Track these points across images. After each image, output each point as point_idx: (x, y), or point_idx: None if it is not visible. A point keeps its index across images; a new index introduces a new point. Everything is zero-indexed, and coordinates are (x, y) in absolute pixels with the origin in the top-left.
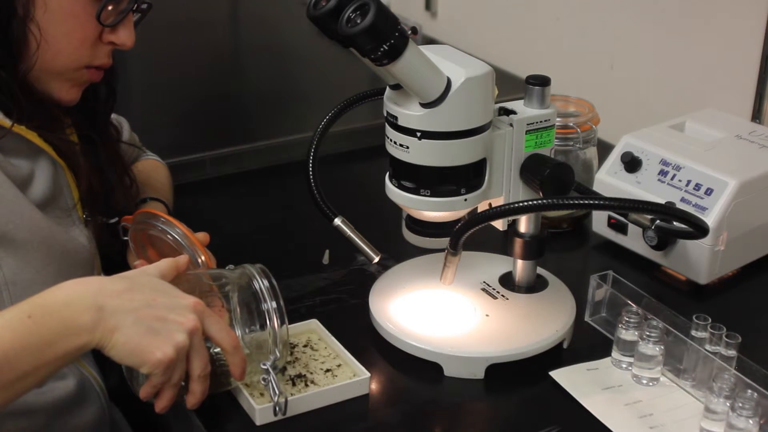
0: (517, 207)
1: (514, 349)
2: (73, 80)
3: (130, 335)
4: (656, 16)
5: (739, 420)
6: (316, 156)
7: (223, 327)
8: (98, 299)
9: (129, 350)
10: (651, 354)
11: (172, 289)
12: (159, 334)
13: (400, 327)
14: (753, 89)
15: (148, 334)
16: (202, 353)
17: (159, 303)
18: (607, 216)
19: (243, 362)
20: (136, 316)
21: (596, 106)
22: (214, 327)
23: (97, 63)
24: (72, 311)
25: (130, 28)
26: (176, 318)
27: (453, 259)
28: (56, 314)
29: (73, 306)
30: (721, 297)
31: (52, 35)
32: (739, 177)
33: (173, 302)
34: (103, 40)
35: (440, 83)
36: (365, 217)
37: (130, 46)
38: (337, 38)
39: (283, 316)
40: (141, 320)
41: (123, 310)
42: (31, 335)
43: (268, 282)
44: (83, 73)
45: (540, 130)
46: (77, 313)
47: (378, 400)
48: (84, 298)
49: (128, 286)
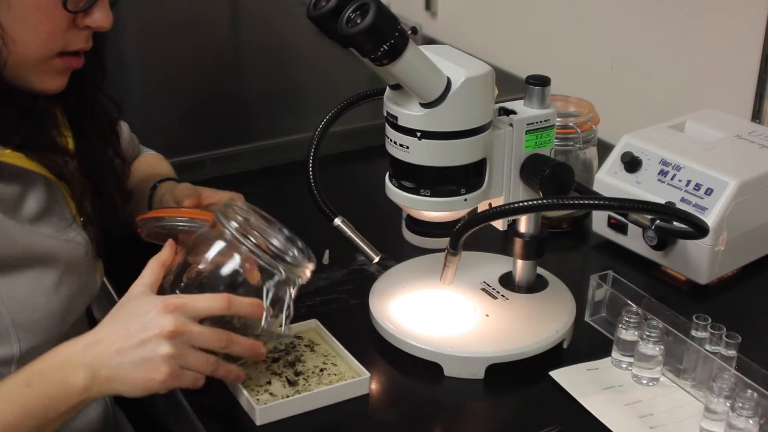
0: (517, 207)
1: (514, 349)
2: (50, 70)
3: (124, 376)
4: (656, 16)
5: (739, 420)
6: (316, 156)
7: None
8: (86, 357)
9: (133, 387)
10: (651, 354)
11: (145, 304)
12: (145, 360)
13: (400, 327)
14: (753, 89)
15: (138, 366)
16: (201, 339)
17: (133, 329)
18: (607, 216)
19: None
20: (120, 356)
21: (596, 106)
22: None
23: (73, 49)
24: (66, 374)
25: (105, 9)
26: (152, 333)
27: (453, 259)
28: (52, 379)
29: (66, 369)
30: (721, 297)
31: (18, 31)
32: (739, 177)
33: (145, 320)
34: (78, 26)
35: (440, 83)
36: (365, 217)
37: (107, 28)
38: (337, 38)
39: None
40: (125, 357)
41: (107, 357)
42: (31, 402)
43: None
44: (59, 62)
45: (540, 130)
46: (71, 375)
47: (378, 400)
48: (74, 359)
49: (109, 329)
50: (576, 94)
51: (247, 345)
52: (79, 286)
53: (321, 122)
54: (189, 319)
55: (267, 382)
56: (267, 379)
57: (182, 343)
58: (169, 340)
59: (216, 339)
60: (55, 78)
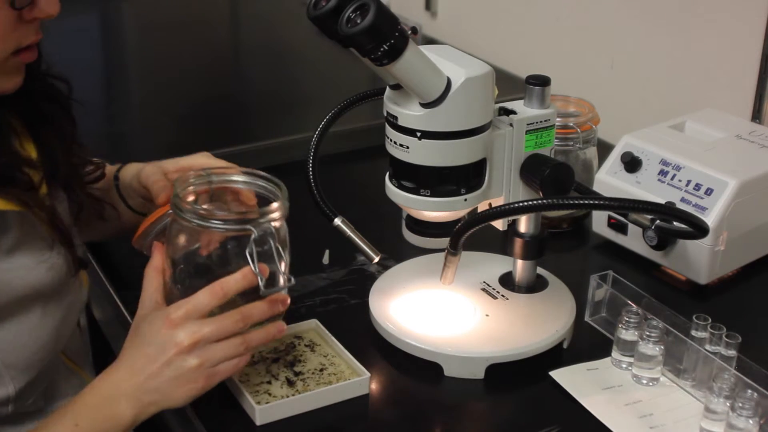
0: (517, 207)
1: (514, 349)
2: (7, 70)
3: (166, 394)
4: (656, 16)
5: (739, 420)
6: (316, 156)
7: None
8: (125, 388)
9: (178, 400)
10: (651, 354)
11: (153, 326)
12: (179, 376)
13: (400, 327)
14: (753, 89)
15: (174, 382)
16: (218, 334)
17: (153, 354)
18: (607, 216)
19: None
20: (153, 380)
21: (596, 106)
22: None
23: (26, 44)
24: (112, 409)
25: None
26: (172, 353)
27: (453, 259)
28: (100, 415)
29: (112, 403)
30: (721, 297)
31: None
32: (739, 177)
33: (159, 342)
34: (25, 19)
35: (440, 83)
36: (365, 217)
37: (56, 14)
38: (337, 38)
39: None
40: (159, 379)
41: (143, 385)
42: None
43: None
44: (15, 60)
45: (540, 130)
46: (116, 408)
47: (378, 400)
48: (116, 392)
49: (133, 357)
50: (576, 94)
51: (264, 308)
52: (67, 307)
53: (321, 122)
54: (198, 323)
55: (267, 383)
56: (267, 379)
57: (204, 347)
58: (190, 353)
59: (232, 323)
60: (12, 77)
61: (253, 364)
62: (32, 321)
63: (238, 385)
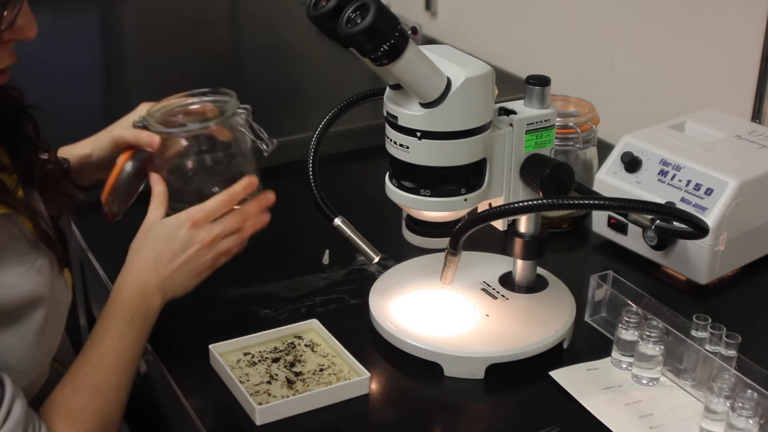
0: (517, 207)
1: (514, 349)
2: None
3: (185, 285)
4: (656, 16)
5: (739, 420)
6: (316, 156)
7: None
8: (153, 281)
9: (188, 290)
10: (651, 354)
11: (175, 226)
12: (197, 268)
13: (400, 327)
14: (753, 89)
15: (193, 273)
16: (226, 232)
17: (177, 249)
18: (607, 216)
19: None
20: (177, 274)
21: (596, 106)
22: (216, 211)
23: (3, 65)
24: (147, 301)
25: (30, 17)
26: (195, 249)
27: (453, 259)
28: (142, 308)
29: (147, 296)
30: (721, 297)
31: None
32: (739, 177)
33: (183, 239)
34: (2, 40)
35: (440, 83)
36: (365, 217)
37: (34, 37)
38: (337, 38)
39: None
40: (181, 273)
41: (168, 278)
42: (138, 332)
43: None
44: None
45: (540, 130)
46: (151, 300)
47: (378, 400)
48: (147, 286)
49: (154, 254)
50: (576, 94)
51: (255, 207)
52: (57, 308)
53: (321, 122)
54: (213, 224)
55: (267, 383)
56: (267, 379)
57: (216, 243)
58: (209, 248)
59: (236, 222)
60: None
61: (253, 364)
62: (29, 325)
63: (238, 385)
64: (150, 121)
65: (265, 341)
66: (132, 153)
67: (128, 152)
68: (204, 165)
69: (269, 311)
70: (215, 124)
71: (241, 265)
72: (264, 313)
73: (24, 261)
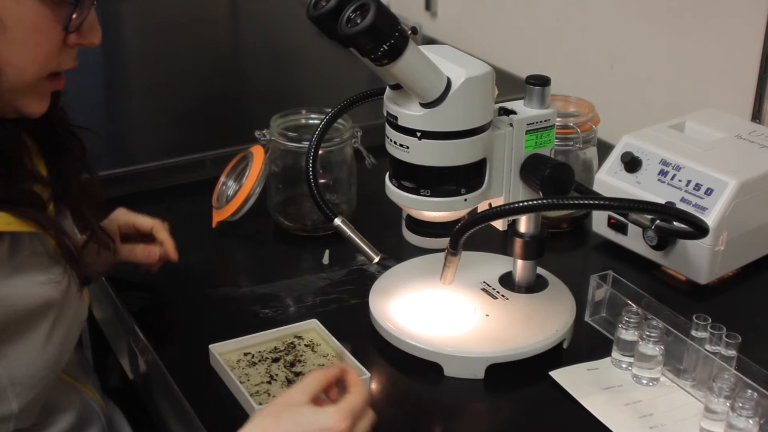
0: (517, 207)
1: (514, 349)
2: (37, 93)
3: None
4: (656, 16)
5: (739, 420)
6: (316, 156)
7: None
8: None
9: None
10: (651, 354)
11: (311, 414)
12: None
13: (400, 327)
14: (753, 89)
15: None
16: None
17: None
18: (607, 216)
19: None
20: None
21: (596, 106)
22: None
23: (64, 68)
24: None
25: (96, 25)
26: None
27: (453, 259)
28: None
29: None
30: (721, 297)
31: (15, 54)
32: (739, 177)
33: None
34: (68, 44)
35: (440, 83)
36: (365, 217)
37: (97, 44)
38: (337, 38)
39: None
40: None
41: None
42: None
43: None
44: (46, 84)
45: (540, 130)
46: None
47: (378, 400)
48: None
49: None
50: (576, 94)
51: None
52: (71, 323)
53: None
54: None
55: (267, 383)
56: (267, 379)
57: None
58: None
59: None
60: (40, 101)
61: (253, 364)
62: (39, 337)
63: (238, 385)
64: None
65: (265, 341)
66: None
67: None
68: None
69: (269, 311)
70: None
71: (242, 265)
72: (264, 313)
73: (43, 273)
